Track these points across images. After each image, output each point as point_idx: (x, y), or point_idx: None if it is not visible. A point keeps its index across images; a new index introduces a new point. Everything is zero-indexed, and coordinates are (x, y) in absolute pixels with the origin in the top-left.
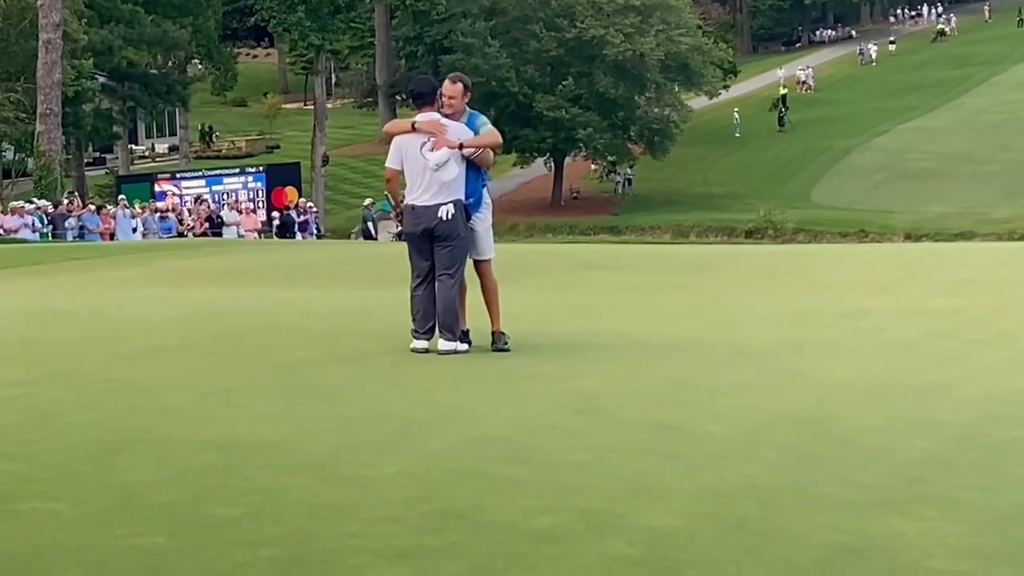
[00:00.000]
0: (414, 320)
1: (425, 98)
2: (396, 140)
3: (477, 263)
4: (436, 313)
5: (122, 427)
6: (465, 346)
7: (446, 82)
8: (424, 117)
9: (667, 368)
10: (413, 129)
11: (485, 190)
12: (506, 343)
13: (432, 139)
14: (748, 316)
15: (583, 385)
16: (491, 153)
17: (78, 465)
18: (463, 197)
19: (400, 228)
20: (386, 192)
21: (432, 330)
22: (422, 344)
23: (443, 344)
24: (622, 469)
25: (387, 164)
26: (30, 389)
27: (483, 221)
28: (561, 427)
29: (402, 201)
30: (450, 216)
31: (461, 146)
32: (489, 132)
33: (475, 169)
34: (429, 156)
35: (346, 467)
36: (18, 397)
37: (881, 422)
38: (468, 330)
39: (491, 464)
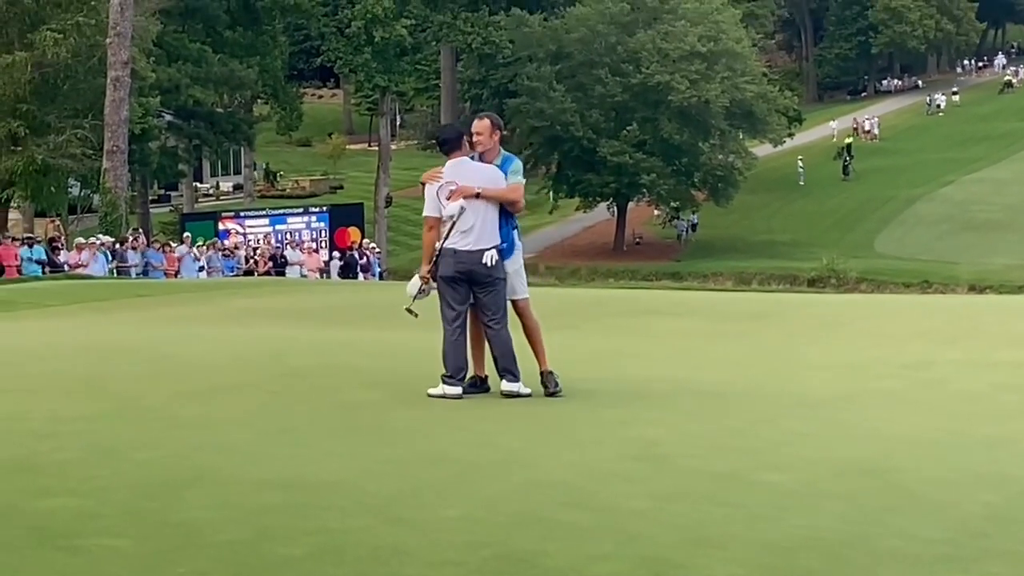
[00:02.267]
0: (448, 366)
1: (451, 144)
2: (429, 189)
3: (515, 303)
4: (494, 358)
5: (185, 465)
6: (528, 389)
7: (475, 120)
8: (454, 163)
9: (728, 416)
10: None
11: (515, 233)
12: (557, 384)
13: (450, 187)
14: (810, 365)
15: (644, 431)
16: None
17: (141, 502)
18: (500, 241)
19: (422, 289)
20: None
21: (465, 377)
22: (457, 390)
23: (507, 385)
24: (683, 517)
25: (426, 213)
26: (94, 425)
27: (514, 263)
28: (622, 473)
29: (437, 254)
30: (494, 262)
31: (478, 195)
32: (512, 187)
33: (506, 214)
34: (445, 205)
35: (407, 509)
36: (82, 432)
37: (945, 475)
38: (486, 376)
39: (552, 509)
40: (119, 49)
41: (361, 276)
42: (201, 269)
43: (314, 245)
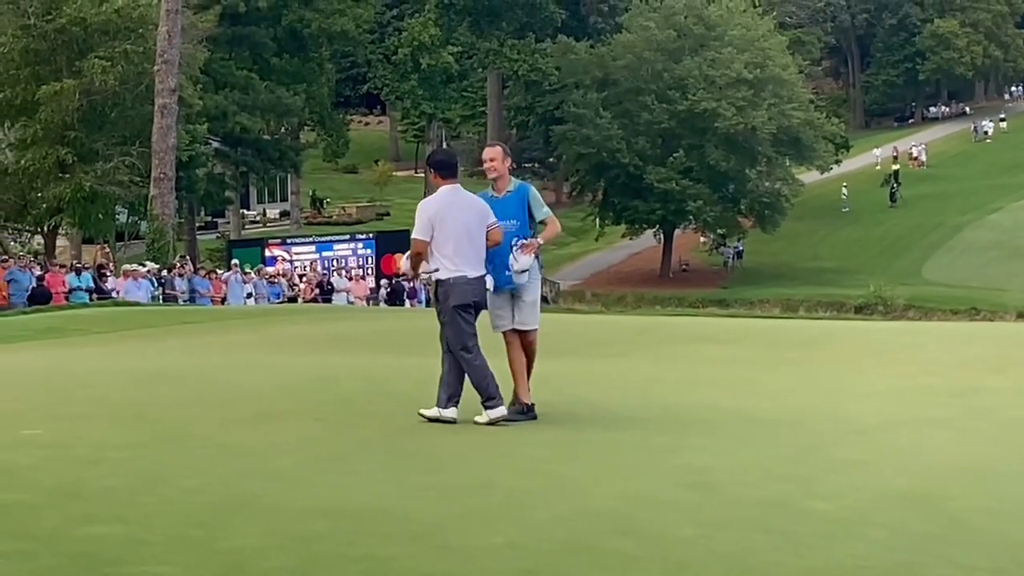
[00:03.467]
0: (491, 389)
1: (452, 171)
2: (428, 209)
3: (528, 333)
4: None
5: (232, 492)
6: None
7: (486, 148)
8: (450, 190)
9: (776, 444)
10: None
11: (538, 261)
12: (522, 412)
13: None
14: (858, 392)
15: (692, 459)
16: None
17: (188, 529)
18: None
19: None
20: (404, 266)
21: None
22: (503, 411)
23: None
24: (730, 546)
25: (417, 236)
26: (141, 452)
27: (532, 294)
28: (670, 501)
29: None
30: (491, 287)
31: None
32: (552, 222)
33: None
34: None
35: (453, 536)
36: (129, 459)
37: (993, 503)
38: (534, 404)
39: (599, 536)
40: (167, 76)
41: (408, 303)
42: (248, 296)
43: (360, 272)
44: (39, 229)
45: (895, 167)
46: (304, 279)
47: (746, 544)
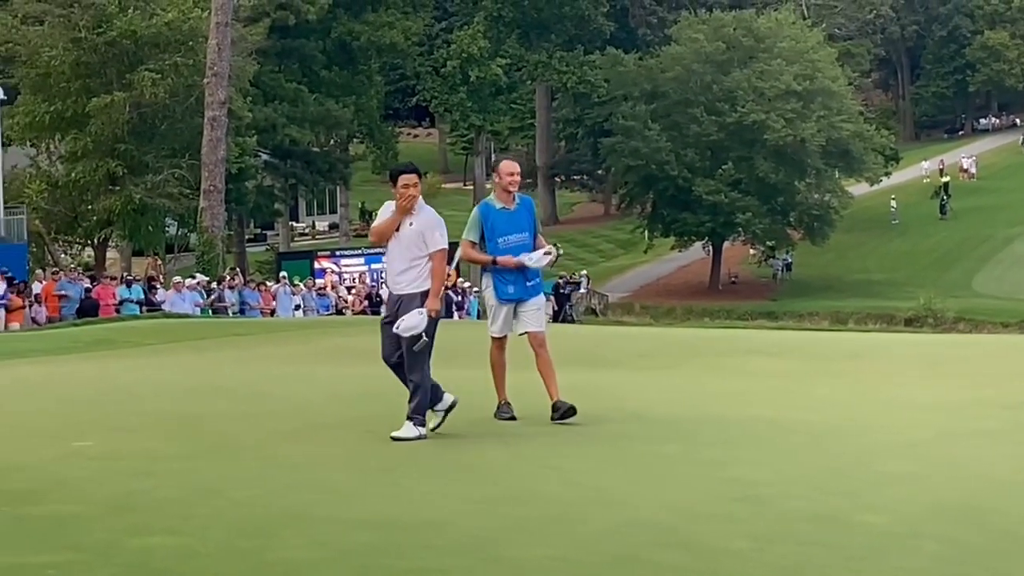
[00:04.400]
0: (440, 400)
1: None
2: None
3: (537, 335)
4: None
5: (282, 504)
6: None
7: (507, 163)
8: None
9: (826, 456)
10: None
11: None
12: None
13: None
14: (908, 405)
15: (742, 472)
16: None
17: (239, 541)
18: None
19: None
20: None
21: None
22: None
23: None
24: (781, 559)
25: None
26: (192, 464)
27: (537, 302)
28: (720, 514)
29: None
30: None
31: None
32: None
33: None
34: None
35: (503, 549)
36: (180, 471)
37: None
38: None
39: (648, 549)
40: (216, 89)
41: (456, 314)
42: (296, 308)
43: None
44: (89, 241)
45: (945, 179)
46: (353, 291)
47: (797, 558)
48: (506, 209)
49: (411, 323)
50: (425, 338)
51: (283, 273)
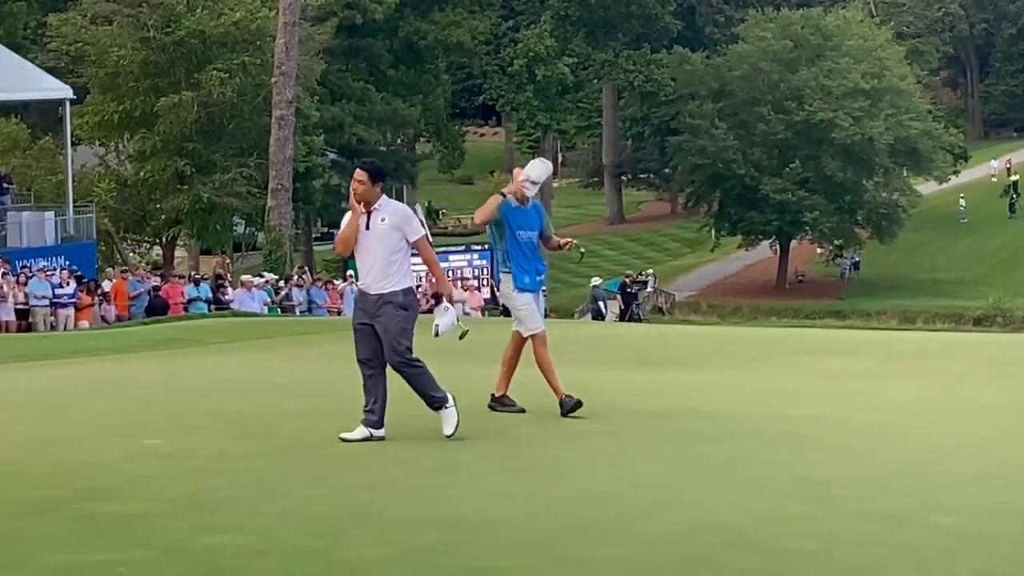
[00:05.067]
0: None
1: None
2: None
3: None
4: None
5: (349, 503)
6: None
7: (542, 160)
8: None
9: (894, 456)
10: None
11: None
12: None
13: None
14: (978, 405)
15: (811, 472)
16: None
17: (307, 540)
18: None
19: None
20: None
21: None
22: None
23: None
24: (850, 560)
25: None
26: (260, 463)
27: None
28: (789, 514)
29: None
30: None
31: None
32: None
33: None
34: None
35: (570, 549)
36: (248, 470)
37: None
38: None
39: (717, 550)
40: (284, 88)
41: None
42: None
43: (475, 283)
44: (158, 240)
45: (1014, 177)
46: (419, 289)
47: (867, 559)
48: (521, 207)
49: (447, 323)
50: (465, 328)
51: (350, 272)
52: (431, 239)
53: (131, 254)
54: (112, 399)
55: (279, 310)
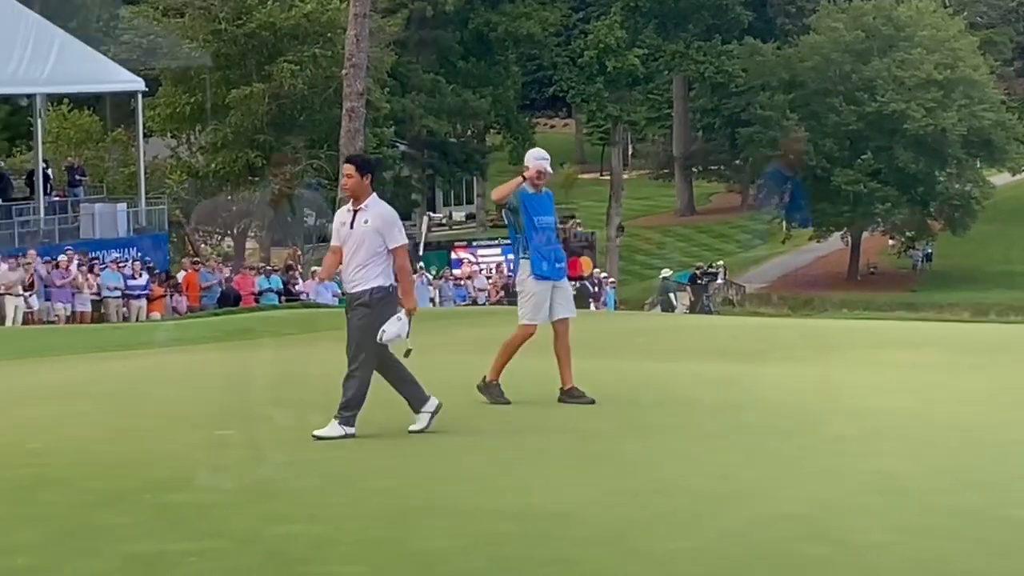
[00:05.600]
0: (425, 401)
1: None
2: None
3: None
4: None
5: (420, 494)
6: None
7: (538, 154)
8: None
9: (968, 448)
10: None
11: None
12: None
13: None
14: None
15: (883, 464)
16: None
17: (378, 530)
18: None
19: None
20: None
21: None
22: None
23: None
24: (923, 552)
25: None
26: (331, 453)
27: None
28: (861, 506)
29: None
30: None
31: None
32: None
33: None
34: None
35: (640, 541)
36: (319, 460)
37: None
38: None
39: (787, 542)
40: (354, 80)
41: (592, 305)
42: (432, 299)
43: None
44: (229, 231)
45: None
46: (490, 281)
47: (939, 551)
48: (536, 194)
49: (393, 331)
50: (410, 347)
51: (420, 264)
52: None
53: (202, 245)
54: (185, 389)
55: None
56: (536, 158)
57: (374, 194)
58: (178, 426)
